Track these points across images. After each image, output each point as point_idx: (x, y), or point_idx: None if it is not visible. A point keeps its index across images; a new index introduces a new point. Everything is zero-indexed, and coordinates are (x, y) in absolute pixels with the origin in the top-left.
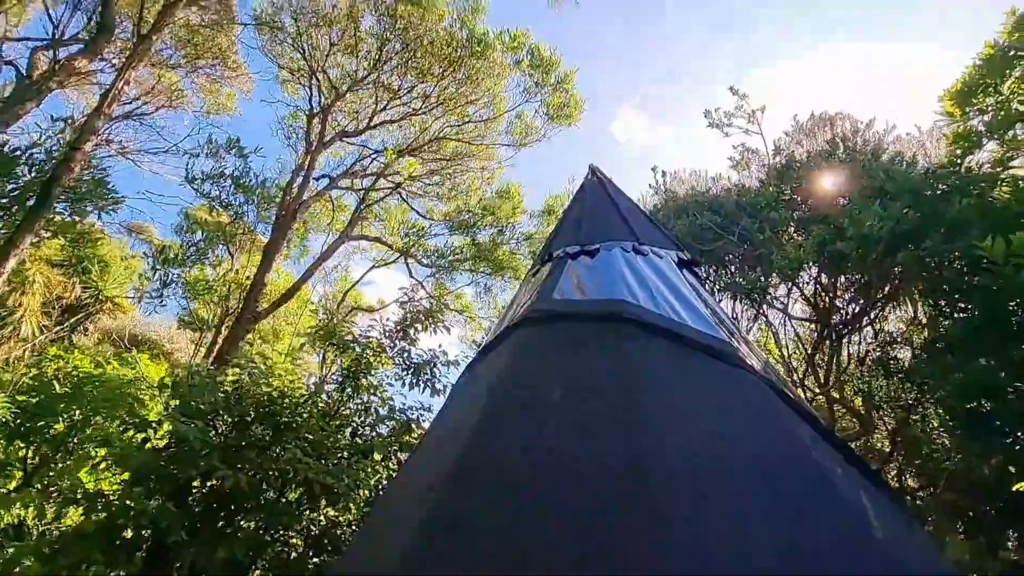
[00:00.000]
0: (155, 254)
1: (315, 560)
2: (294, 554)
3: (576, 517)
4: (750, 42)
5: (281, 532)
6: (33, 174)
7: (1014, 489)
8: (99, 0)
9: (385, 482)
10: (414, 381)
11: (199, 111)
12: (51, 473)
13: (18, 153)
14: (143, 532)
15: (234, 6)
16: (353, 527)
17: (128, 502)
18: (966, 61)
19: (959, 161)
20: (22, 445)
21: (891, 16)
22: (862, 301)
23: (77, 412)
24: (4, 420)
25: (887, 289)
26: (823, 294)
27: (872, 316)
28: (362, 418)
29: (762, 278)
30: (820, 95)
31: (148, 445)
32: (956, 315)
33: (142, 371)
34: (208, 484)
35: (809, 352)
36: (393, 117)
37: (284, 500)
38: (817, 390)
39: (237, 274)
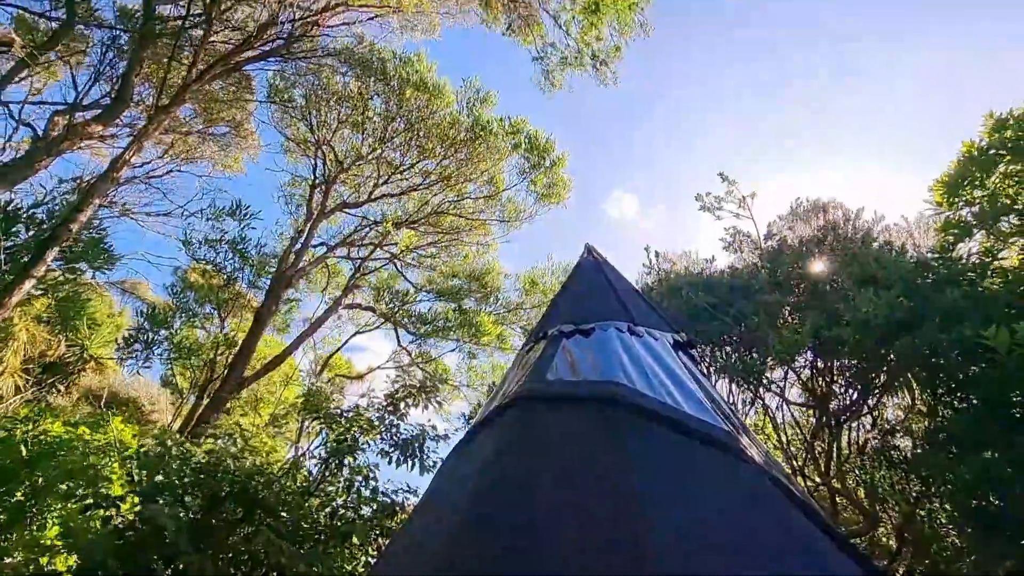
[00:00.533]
0: (145, 313)
1: None
2: None
3: None
4: (742, 132)
5: None
6: (31, 233)
7: None
8: (121, 71)
9: (362, 569)
10: (401, 458)
11: (206, 175)
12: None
13: (20, 212)
14: None
15: (253, 81)
16: None
17: None
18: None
19: (951, 249)
20: None
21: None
22: (860, 387)
23: (40, 480)
24: None
25: (883, 376)
26: (820, 379)
27: (871, 403)
28: (344, 498)
29: (759, 361)
30: (810, 182)
31: (111, 524)
32: (955, 404)
33: (116, 434)
34: (172, 567)
35: (808, 439)
36: (393, 191)
37: None
38: (818, 480)
39: (226, 338)
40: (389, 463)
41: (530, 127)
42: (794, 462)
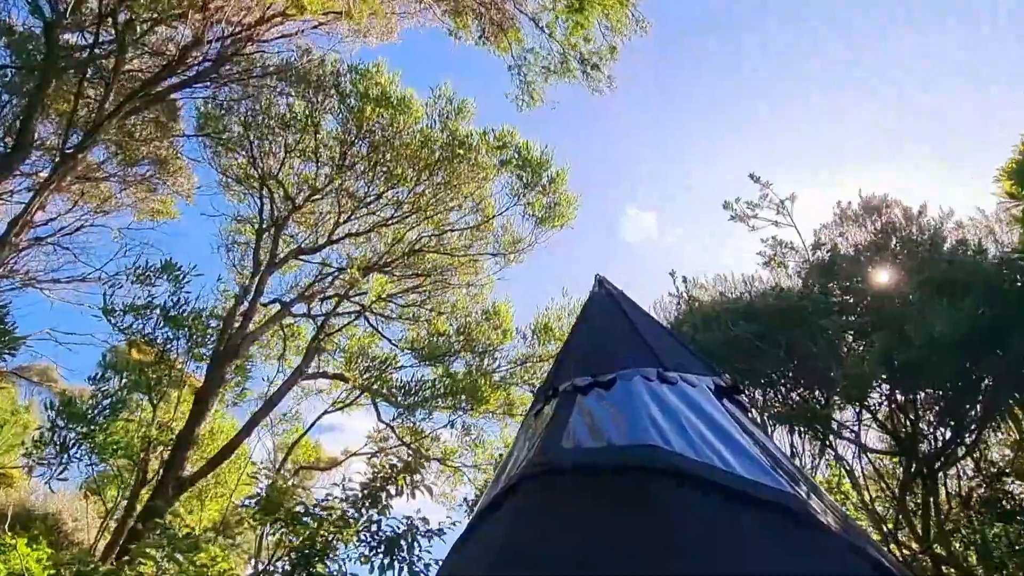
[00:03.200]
0: (57, 406)
1: None
2: None
3: None
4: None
5: None
6: None
7: None
8: (20, 114)
9: None
10: (386, 561)
11: (128, 227)
12: None
13: None
14: None
15: (180, 111)
16: None
17: None
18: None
19: None
20: None
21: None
22: (952, 423)
23: None
24: None
25: (979, 407)
26: (901, 417)
27: (969, 442)
28: None
29: (823, 401)
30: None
31: None
32: None
33: (21, 563)
34: None
35: (897, 494)
36: (359, 228)
37: None
38: (916, 547)
39: (161, 430)
40: (371, 571)
41: (519, 139)
42: (883, 526)
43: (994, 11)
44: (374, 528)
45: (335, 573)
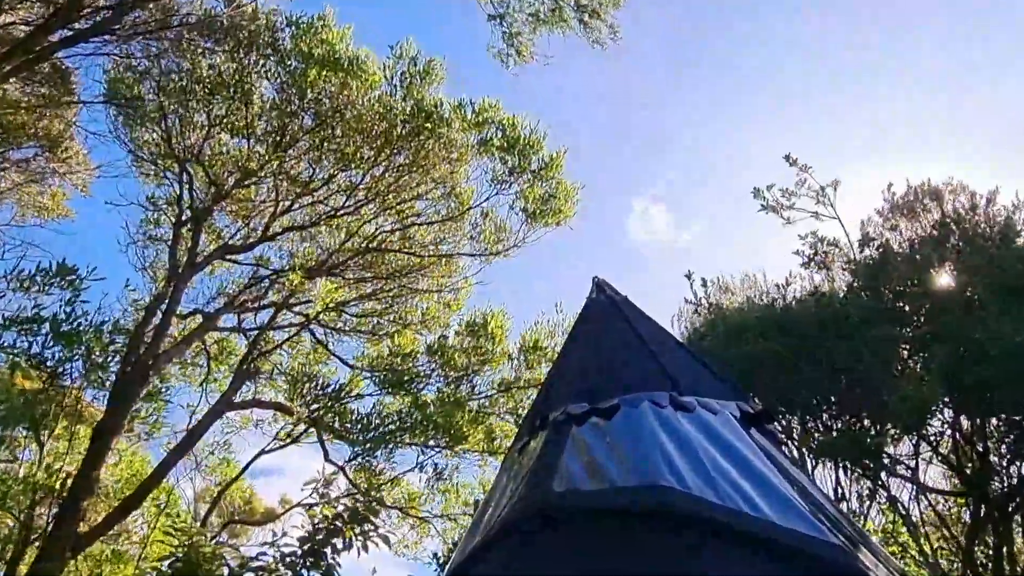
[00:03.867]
0: None
1: None
2: None
3: None
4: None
5: None
6: None
7: None
8: None
9: None
10: None
11: (8, 223)
12: None
13: None
14: None
15: (73, 75)
16: None
17: None
18: None
19: None
20: None
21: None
22: None
23: None
24: None
25: None
26: (968, 448)
27: None
28: None
29: (873, 431)
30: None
31: None
32: None
33: None
34: None
35: (964, 543)
36: (303, 220)
37: None
38: None
39: (50, 475)
40: None
41: (503, 114)
42: None
43: None
44: None
45: None
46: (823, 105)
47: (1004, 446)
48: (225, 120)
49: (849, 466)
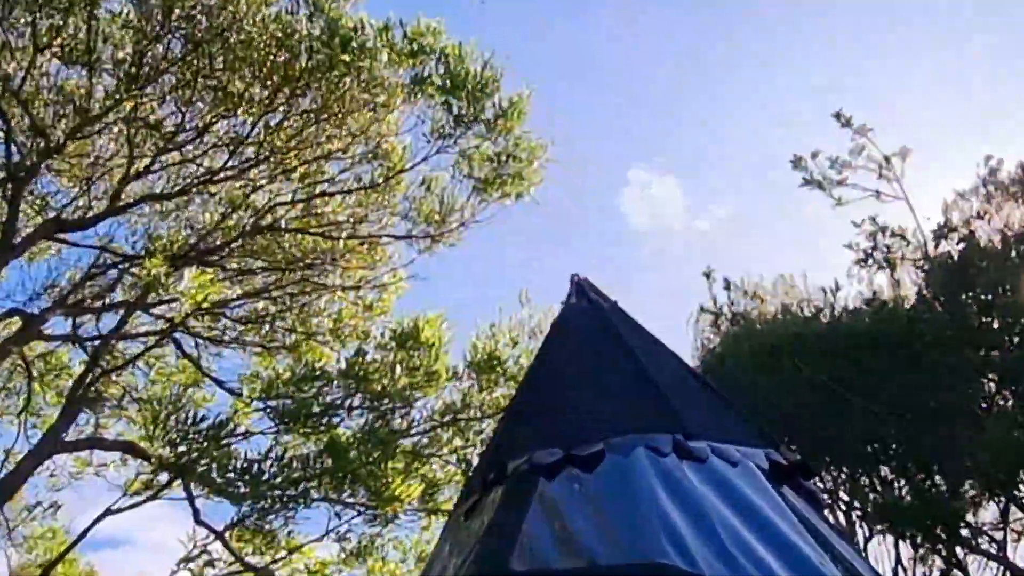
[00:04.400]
0: None
1: None
2: None
3: None
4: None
5: None
6: None
7: None
8: None
9: None
10: None
11: None
12: None
13: None
14: None
15: None
16: None
17: None
18: None
19: None
20: None
21: None
22: None
23: None
24: None
25: None
26: None
27: None
28: None
29: (947, 491)
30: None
31: None
32: None
33: None
34: None
35: None
36: (167, 186)
37: None
38: None
39: None
40: None
41: (446, 41)
42: None
43: None
44: None
45: None
46: (890, 44)
47: None
48: (57, 41)
49: (914, 537)
